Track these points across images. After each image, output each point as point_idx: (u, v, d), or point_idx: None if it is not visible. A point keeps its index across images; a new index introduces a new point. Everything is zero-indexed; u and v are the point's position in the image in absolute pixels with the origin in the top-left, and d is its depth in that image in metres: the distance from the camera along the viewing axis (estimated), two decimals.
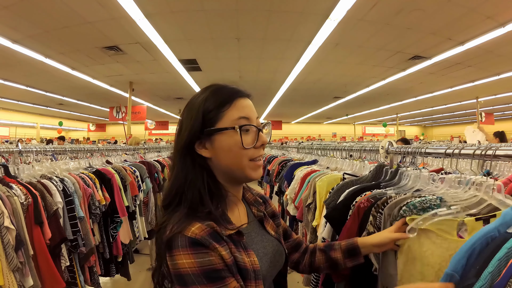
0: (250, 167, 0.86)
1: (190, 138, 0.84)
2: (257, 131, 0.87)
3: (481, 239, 0.77)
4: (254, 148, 0.86)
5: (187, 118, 0.87)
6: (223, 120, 0.84)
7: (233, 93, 0.88)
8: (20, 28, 5.73)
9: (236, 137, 0.83)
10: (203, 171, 0.85)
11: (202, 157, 0.85)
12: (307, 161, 3.30)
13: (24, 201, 1.64)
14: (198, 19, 5.61)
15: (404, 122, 24.80)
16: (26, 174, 2.00)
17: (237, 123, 0.84)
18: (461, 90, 11.03)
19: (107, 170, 2.65)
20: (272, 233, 0.97)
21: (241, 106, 0.87)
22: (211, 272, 0.70)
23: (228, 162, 0.85)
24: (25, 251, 1.56)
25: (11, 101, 13.68)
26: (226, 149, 0.84)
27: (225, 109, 0.85)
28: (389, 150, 1.86)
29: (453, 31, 5.84)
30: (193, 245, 0.71)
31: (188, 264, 0.69)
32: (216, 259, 0.71)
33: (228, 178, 0.89)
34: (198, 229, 0.72)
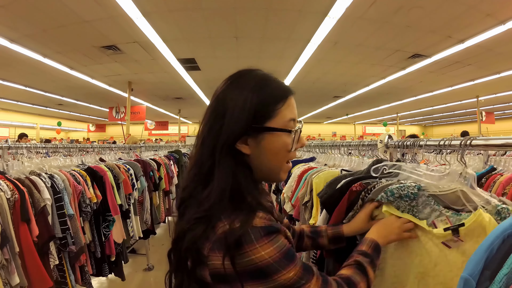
0: (284, 169, 0.83)
1: (237, 134, 0.74)
2: (299, 133, 0.82)
3: (499, 237, 0.69)
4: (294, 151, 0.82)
5: (233, 110, 0.75)
6: (276, 118, 0.77)
7: (286, 88, 0.81)
8: (18, 27, 5.71)
9: (287, 140, 0.78)
10: (245, 169, 0.77)
11: (240, 153, 0.77)
12: (304, 158, 3.26)
13: (11, 197, 1.60)
14: (195, 18, 5.59)
15: (404, 121, 24.80)
16: (15, 170, 1.96)
17: (289, 125, 0.78)
18: (461, 89, 11.02)
19: (99, 168, 2.61)
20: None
21: (292, 106, 0.81)
22: (288, 252, 0.68)
23: (270, 163, 0.80)
24: (10, 248, 1.52)
25: (10, 101, 13.70)
26: (274, 150, 0.78)
27: (279, 107, 0.77)
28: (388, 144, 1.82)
29: (453, 29, 5.81)
30: (269, 234, 0.67)
31: (268, 254, 0.65)
32: (285, 240, 0.70)
33: (261, 176, 0.83)
34: (263, 218, 0.69)
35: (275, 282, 0.65)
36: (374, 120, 23.60)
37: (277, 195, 3.59)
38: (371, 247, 0.95)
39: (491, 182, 1.65)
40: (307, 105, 16.56)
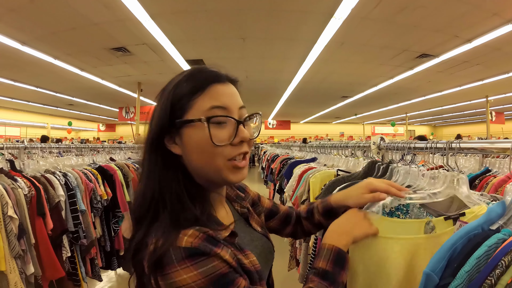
0: (228, 168, 0.71)
1: (158, 132, 0.70)
2: (236, 124, 0.71)
3: (462, 238, 0.73)
4: (231, 145, 0.70)
5: (157, 106, 0.73)
6: (192, 109, 0.69)
7: (209, 76, 0.73)
8: (28, 30, 5.87)
9: (205, 132, 0.67)
10: (177, 171, 0.71)
11: (173, 154, 0.72)
12: (306, 158, 3.34)
13: (28, 193, 1.73)
14: (201, 19, 5.68)
15: (413, 121, 24.56)
16: (31, 169, 2.10)
17: (208, 114, 0.69)
18: (470, 89, 10.93)
19: (109, 167, 2.74)
20: (258, 229, 0.87)
21: (217, 94, 0.71)
22: (219, 279, 0.59)
23: (200, 162, 0.71)
24: (27, 240, 1.65)
25: (21, 101, 13.93)
26: (195, 146, 0.70)
27: (196, 97, 0.70)
28: (380, 145, 1.89)
29: (459, 28, 5.80)
30: (191, 256, 0.59)
31: (191, 279, 0.58)
32: (220, 263, 0.60)
33: (204, 179, 0.74)
34: (192, 237, 0.60)
35: None
36: (383, 120, 23.43)
37: (280, 194, 3.69)
38: (331, 259, 0.81)
39: (484, 184, 1.68)
40: (315, 105, 16.54)
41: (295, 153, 4.81)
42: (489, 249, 0.65)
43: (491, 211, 0.80)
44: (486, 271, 0.61)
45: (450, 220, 0.94)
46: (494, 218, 0.77)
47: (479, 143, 1.08)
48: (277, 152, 6.31)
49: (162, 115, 0.70)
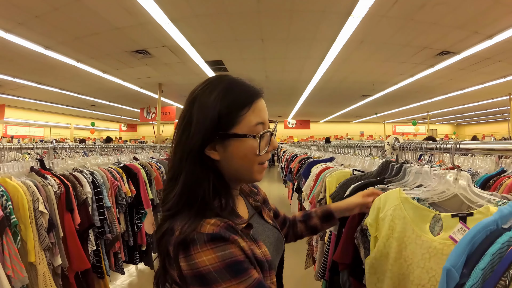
0: (258, 171, 0.83)
1: (202, 141, 0.76)
2: (270, 135, 0.83)
3: (480, 232, 0.72)
4: (266, 153, 0.83)
5: (199, 118, 0.77)
6: (241, 125, 0.78)
7: (252, 93, 0.81)
8: (52, 35, 6.09)
9: (254, 145, 0.78)
10: (209, 173, 0.78)
11: (210, 159, 0.79)
12: (324, 158, 3.37)
13: (57, 190, 1.84)
14: (221, 21, 5.76)
15: (435, 120, 24.05)
16: (60, 168, 2.22)
17: (256, 129, 0.79)
18: (493, 87, 10.65)
19: (133, 166, 2.85)
20: (270, 222, 0.97)
21: (259, 110, 0.81)
22: (234, 265, 0.65)
23: (239, 167, 0.81)
24: (56, 233, 1.76)
25: (45, 103, 14.34)
26: (241, 155, 0.79)
27: (243, 113, 0.78)
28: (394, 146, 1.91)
29: (480, 24, 5.69)
30: (212, 240, 0.65)
31: (209, 261, 0.64)
32: (237, 251, 0.67)
33: (233, 179, 0.84)
34: (214, 224, 0.68)
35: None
36: (404, 119, 23.04)
37: (298, 194, 3.72)
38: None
39: (498, 184, 1.66)
40: (335, 105, 16.42)
41: (313, 152, 4.82)
42: (502, 246, 0.65)
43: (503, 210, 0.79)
44: (499, 270, 0.61)
45: (457, 218, 0.96)
46: (508, 215, 0.76)
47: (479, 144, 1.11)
48: (296, 151, 6.34)
49: (207, 126, 0.75)
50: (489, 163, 2.12)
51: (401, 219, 1.08)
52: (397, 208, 1.10)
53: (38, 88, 10.82)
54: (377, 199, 1.21)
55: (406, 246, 1.04)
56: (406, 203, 1.10)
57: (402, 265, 1.03)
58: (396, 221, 1.09)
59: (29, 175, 1.91)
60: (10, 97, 12.26)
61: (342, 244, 1.40)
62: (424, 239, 0.99)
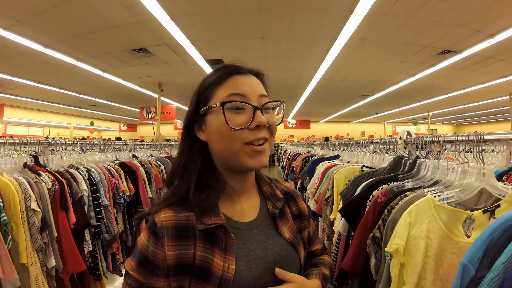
0: (245, 152, 0.74)
1: (188, 120, 0.81)
2: (253, 109, 0.74)
3: (499, 228, 0.71)
4: (248, 129, 0.73)
5: (191, 99, 0.83)
6: (213, 98, 0.77)
7: (230, 69, 0.80)
8: (51, 33, 6.02)
9: (222, 116, 0.73)
10: (199, 155, 0.79)
11: (200, 141, 0.80)
12: (329, 156, 3.30)
13: (51, 187, 1.75)
14: (222, 19, 5.70)
15: (436, 120, 24.04)
16: (55, 164, 2.13)
17: (225, 100, 0.74)
18: (494, 86, 10.61)
19: (132, 163, 2.76)
20: (285, 235, 0.83)
21: (236, 83, 0.77)
22: (144, 259, 0.69)
23: (220, 146, 0.76)
24: (49, 233, 1.67)
25: (45, 102, 14.29)
26: (214, 130, 0.76)
27: (217, 87, 0.77)
28: (407, 140, 1.84)
29: (482, 23, 5.63)
30: (151, 230, 0.69)
31: (141, 241, 0.70)
32: (159, 254, 0.68)
33: (224, 164, 0.80)
34: (166, 218, 0.70)
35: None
36: (404, 119, 23.03)
37: (302, 193, 3.64)
38: None
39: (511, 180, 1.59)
40: (335, 104, 16.38)
41: (316, 151, 4.75)
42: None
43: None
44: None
45: (488, 213, 0.93)
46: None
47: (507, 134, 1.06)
48: (298, 150, 6.26)
49: (191, 104, 0.81)
50: (500, 159, 2.07)
51: (437, 231, 0.96)
52: (432, 219, 0.97)
53: (37, 87, 10.77)
54: (406, 213, 1.01)
55: (443, 261, 0.94)
56: (439, 209, 0.99)
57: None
58: (431, 236, 0.96)
59: (22, 171, 1.83)
60: (9, 96, 12.20)
61: (353, 251, 1.28)
62: (461, 245, 0.92)
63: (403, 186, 1.28)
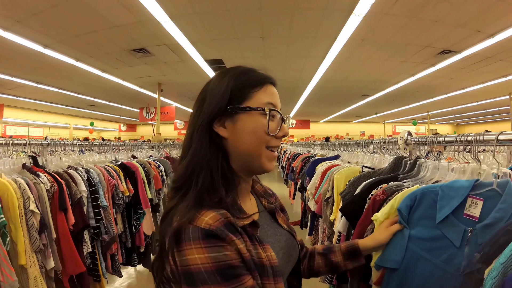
0: (266, 155, 0.80)
1: (213, 114, 0.77)
2: (281, 120, 0.82)
3: (423, 189, 0.97)
4: (275, 136, 0.80)
5: (212, 93, 0.79)
6: (252, 100, 0.78)
7: (265, 77, 0.83)
8: (50, 33, 6.02)
9: (263, 120, 0.78)
10: (218, 151, 0.77)
11: (219, 136, 0.78)
12: (329, 156, 3.28)
13: (50, 188, 1.74)
14: (222, 19, 5.69)
15: (435, 120, 24.08)
16: (54, 165, 2.12)
17: (265, 106, 0.78)
18: (494, 86, 10.62)
19: (131, 164, 2.75)
20: (284, 226, 0.91)
21: (271, 93, 0.82)
22: (227, 269, 0.60)
23: (247, 146, 0.78)
24: (48, 235, 1.66)
25: (44, 103, 14.31)
26: (249, 130, 0.77)
27: (255, 90, 0.79)
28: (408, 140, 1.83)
29: (482, 23, 5.63)
30: (207, 238, 0.61)
31: (200, 260, 0.59)
32: (233, 254, 0.62)
33: (242, 164, 0.80)
34: (212, 219, 0.63)
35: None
36: (404, 119, 23.06)
37: (302, 193, 3.63)
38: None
39: None
40: (335, 104, 16.40)
41: (316, 151, 4.74)
42: None
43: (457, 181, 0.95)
44: None
45: None
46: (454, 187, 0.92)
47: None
48: (297, 150, 6.25)
49: (219, 99, 0.77)
50: (501, 159, 2.05)
51: None
52: None
53: (36, 88, 10.77)
54: (394, 198, 1.13)
55: None
56: None
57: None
58: None
59: (21, 172, 1.82)
60: (9, 96, 12.22)
61: None
62: None
63: (402, 186, 1.27)
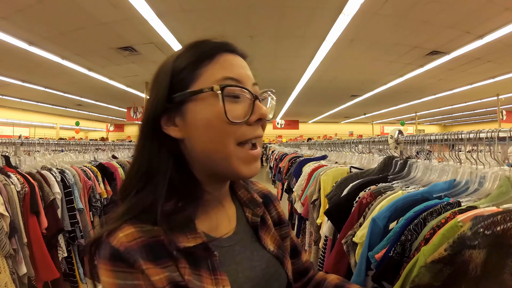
0: (238, 156, 0.58)
1: (154, 111, 0.59)
2: (252, 99, 0.59)
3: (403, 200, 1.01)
4: (246, 123, 0.58)
5: (153, 84, 0.62)
6: (199, 80, 0.58)
7: (217, 45, 0.63)
8: (36, 30, 5.85)
9: (217, 105, 0.55)
10: (170, 159, 0.59)
11: (171, 139, 0.59)
12: (316, 156, 3.24)
13: (21, 190, 1.65)
14: (209, 18, 5.62)
15: (423, 121, 24.35)
16: (27, 165, 2.02)
17: (220, 83, 0.57)
18: (482, 87, 10.71)
19: (110, 164, 2.66)
20: (269, 248, 0.69)
21: (229, 63, 0.61)
22: None
23: (208, 146, 0.58)
24: (18, 239, 1.58)
25: (30, 102, 14.04)
26: (202, 123, 0.57)
27: (203, 66, 0.59)
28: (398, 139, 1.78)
29: (471, 24, 5.65)
30: (114, 259, 0.48)
31: (108, 284, 0.48)
32: (145, 285, 0.48)
33: (206, 170, 0.61)
34: (127, 237, 0.49)
35: None
36: (392, 120, 23.26)
37: (289, 194, 3.58)
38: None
39: None
40: (324, 105, 16.41)
41: (304, 151, 4.70)
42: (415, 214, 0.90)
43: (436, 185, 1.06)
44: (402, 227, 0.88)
45: None
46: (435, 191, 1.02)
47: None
48: (285, 150, 6.21)
49: (159, 90, 0.59)
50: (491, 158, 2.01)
51: None
52: None
53: (22, 86, 10.53)
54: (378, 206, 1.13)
55: None
56: None
57: None
58: None
59: None
60: None
61: (336, 254, 1.24)
62: None
63: (391, 187, 1.22)
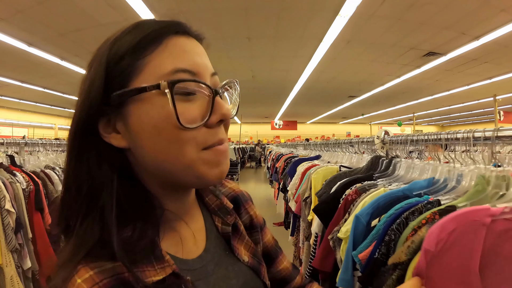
0: (204, 160, 0.46)
1: (86, 115, 0.45)
2: (212, 94, 0.47)
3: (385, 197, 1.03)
4: (205, 126, 0.46)
5: (84, 79, 0.48)
6: (143, 74, 0.45)
7: (164, 26, 0.47)
8: (35, 31, 5.91)
9: (166, 107, 0.43)
10: (113, 174, 0.46)
11: (114, 149, 0.47)
12: (310, 156, 3.32)
13: (26, 187, 1.73)
14: (208, 19, 5.67)
15: (421, 121, 24.40)
16: (31, 165, 2.11)
17: (170, 78, 0.44)
18: (478, 88, 10.77)
19: None
20: (244, 259, 0.60)
21: (181, 50, 0.47)
22: None
23: (157, 156, 0.46)
24: (24, 234, 1.65)
25: (29, 102, 14.05)
26: (149, 130, 0.45)
27: (147, 54, 0.45)
28: (384, 140, 1.86)
29: (467, 25, 5.72)
30: None
31: None
32: None
33: (163, 183, 0.50)
34: (86, 282, 0.38)
35: None
36: (390, 120, 23.30)
37: (284, 194, 3.66)
38: None
39: None
40: (322, 105, 16.50)
41: (300, 151, 4.78)
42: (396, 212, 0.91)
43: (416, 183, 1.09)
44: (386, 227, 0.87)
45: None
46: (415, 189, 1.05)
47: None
48: (282, 151, 6.29)
49: (92, 87, 0.45)
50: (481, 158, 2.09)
51: None
52: None
53: (21, 87, 10.57)
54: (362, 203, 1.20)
55: None
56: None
57: None
58: None
59: None
60: None
61: (322, 250, 1.30)
62: None
63: (375, 185, 1.30)
